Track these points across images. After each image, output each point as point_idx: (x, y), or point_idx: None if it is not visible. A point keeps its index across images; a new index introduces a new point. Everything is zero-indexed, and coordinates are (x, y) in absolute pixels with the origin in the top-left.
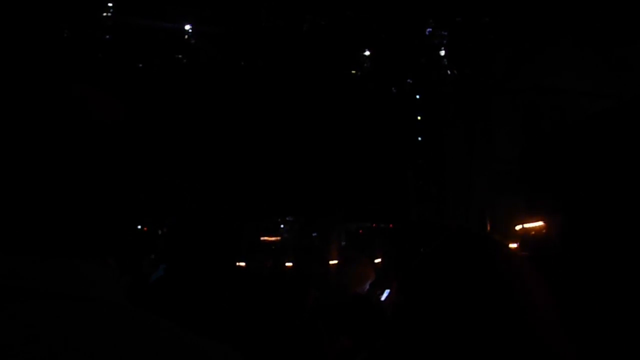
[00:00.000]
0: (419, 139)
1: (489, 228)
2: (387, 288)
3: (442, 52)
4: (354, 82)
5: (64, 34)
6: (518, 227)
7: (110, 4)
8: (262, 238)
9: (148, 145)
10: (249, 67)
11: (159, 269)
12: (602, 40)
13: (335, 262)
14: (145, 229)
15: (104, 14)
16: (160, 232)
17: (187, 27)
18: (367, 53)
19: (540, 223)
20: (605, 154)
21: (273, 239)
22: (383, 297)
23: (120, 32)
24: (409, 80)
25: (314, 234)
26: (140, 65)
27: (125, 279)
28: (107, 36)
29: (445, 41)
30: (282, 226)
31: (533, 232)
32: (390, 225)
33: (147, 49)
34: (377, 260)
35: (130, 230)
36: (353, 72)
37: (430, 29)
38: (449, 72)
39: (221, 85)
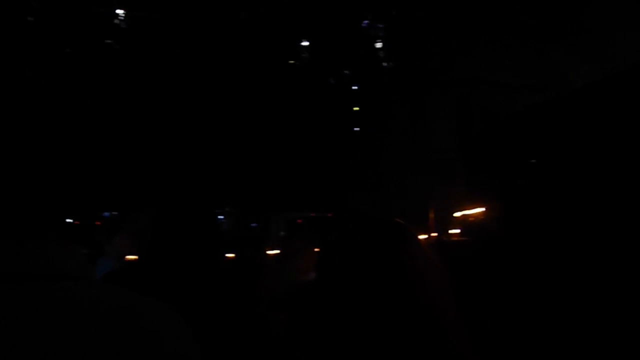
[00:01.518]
0: (357, 129)
1: (431, 215)
2: None
3: (379, 45)
4: (292, 73)
5: None
6: (458, 214)
7: None
8: None
9: (76, 134)
10: (182, 55)
11: (99, 263)
12: (531, 36)
13: (276, 252)
14: (77, 222)
15: None
16: (94, 225)
17: (119, 11)
18: (305, 43)
19: (480, 209)
20: (541, 144)
21: None
22: None
23: (48, 14)
24: (346, 72)
25: (253, 225)
26: (68, 50)
27: None
28: (31, 18)
29: (381, 34)
30: (220, 217)
31: (472, 219)
32: (329, 215)
33: (75, 33)
34: (317, 250)
35: (56, 222)
36: (291, 62)
37: (367, 22)
38: (385, 64)
39: (153, 73)
